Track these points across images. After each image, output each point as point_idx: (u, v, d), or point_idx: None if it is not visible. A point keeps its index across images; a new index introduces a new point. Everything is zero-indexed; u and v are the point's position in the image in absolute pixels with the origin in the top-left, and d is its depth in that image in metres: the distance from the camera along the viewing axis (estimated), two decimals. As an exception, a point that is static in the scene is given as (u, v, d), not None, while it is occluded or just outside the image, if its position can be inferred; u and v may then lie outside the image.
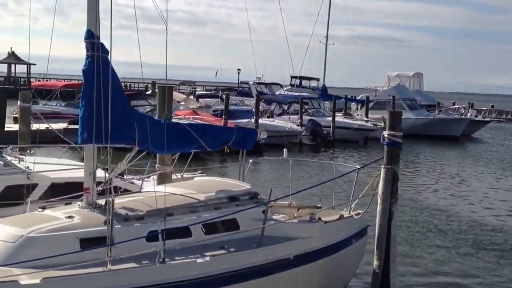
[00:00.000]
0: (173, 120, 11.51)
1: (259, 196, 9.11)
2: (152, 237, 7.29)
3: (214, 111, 35.24)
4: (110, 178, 8.00)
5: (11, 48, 73.84)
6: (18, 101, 18.81)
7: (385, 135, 8.74)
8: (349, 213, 9.82)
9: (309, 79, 60.16)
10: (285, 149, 11.48)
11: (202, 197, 8.58)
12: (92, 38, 7.70)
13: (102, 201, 7.87)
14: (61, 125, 25.56)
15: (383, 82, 53.80)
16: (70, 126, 26.55)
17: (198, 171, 12.70)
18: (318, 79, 60.53)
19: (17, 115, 31.36)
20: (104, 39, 7.72)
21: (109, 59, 7.64)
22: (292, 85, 57.90)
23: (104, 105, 7.53)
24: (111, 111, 7.52)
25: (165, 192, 7.74)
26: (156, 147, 8.52)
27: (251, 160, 11.08)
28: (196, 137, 8.92)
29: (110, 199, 7.00)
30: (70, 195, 9.05)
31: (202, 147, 9.13)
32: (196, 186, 9.18)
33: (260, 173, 22.66)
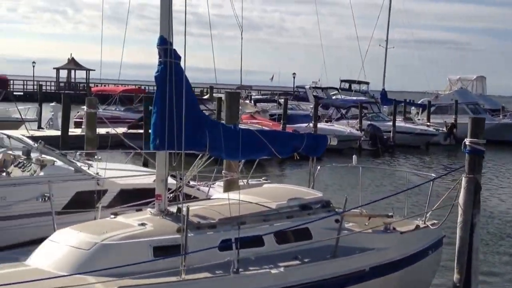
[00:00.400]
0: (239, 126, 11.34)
1: (331, 205, 8.85)
2: (225, 246, 7.13)
3: (270, 115, 35.08)
4: (182, 185, 7.88)
5: (71, 54, 75.67)
6: (85, 107, 19.03)
7: (467, 143, 8.36)
8: (425, 223, 9.45)
9: (359, 82, 59.58)
10: (354, 156, 11.18)
11: (274, 205, 8.37)
12: (165, 44, 7.59)
13: (173, 208, 7.75)
14: (121, 130, 25.83)
15: (444, 86, 52.58)
16: (130, 131, 26.83)
17: (263, 178, 12.51)
18: (368, 83, 59.66)
19: (78, 120, 32.06)
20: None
21: (184, 66, 7.52)
22: (341, 89, 57.27)
23: (177, 111, 7.43)
24: (183, 117, 7.42)
25: (239, 199, 7.54)
26: (227, 154, 8.37)
27: (319, 167, 10.81)
28: (267, 143, 8.72)
29: (185, 207, 6.86)
30: (141, 202, 8.99)
31: (273, 154, 8.93)
32: (266, 193, 8.97)
33: (320, 179, 22.31)
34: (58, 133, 27.25)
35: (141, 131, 24.96)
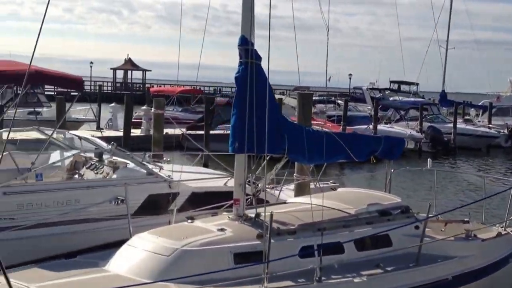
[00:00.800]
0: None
1: (410, 210, 8.55)
2: (306, 253, 6.94)
3: (328, 116, 34.63)
4: (264, 189, 7.74)
5: (127, 55, 76.71)
6: (153, 108, 19.06)
7: None
8: (505, 230, 9.06)
9: (409, 83, 58.46)
10: (429, 159, 10.87)
11: (353, 210, 8.13)
12: (246, 44, 7.45)
13: (251, 213, 7.58)
14: (179, 131, 25.79)
15: (505, 87, 51.10)
16: (189, 132, 26.81)
17: (331, 181, 12.25)
18: (417, 84, 58.68)
19: (136, 120, 32.31)
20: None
21: (267, 67, 7.36)
22: (390, 90, 56.43)
23: (257, 113, 7.28)
24: (264, 120, 7.28)
25: (323, 205, 7.33)
26: (310, 158, 8.19)
27: (392, 170, 10.49)
28: (344, 147, 8.48)
29: (268, 212, 6.67)
30: (214, 205, 8.89)
31: (350, 157, 8.68)
32: (343, 198, 8.72)
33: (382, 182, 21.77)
34: (118, 133, 27.53)
35: (200, 132, 24.95)
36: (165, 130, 21.81)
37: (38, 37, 6.41)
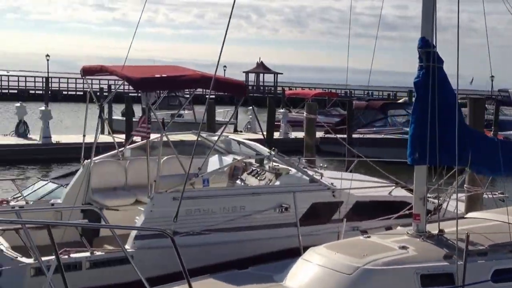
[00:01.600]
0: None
1: None
2: (501, 278, 6.28)
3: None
4: (442, 203, 7.14)
5: (259, 58, 78.05)
6: (305, 112, 18.72)
7: None
8: None
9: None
10: None
11: None
12: (427, 47, 6.89)
13: (432, 229, 7.00)
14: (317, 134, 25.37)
15: None
16: (326, 136, 26.26)
17: (498, 191, 11.31)
18: None
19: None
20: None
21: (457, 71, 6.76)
22: None
23: (440, 122, 6.71)
24: (447, 129, 6.70)
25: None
26: (490, 169, 7.48)
27: None
28: None
29: (462, 232, 6.09)
30: (384, 217, 8.38)
31: None
32: None
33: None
34: (258, 136, 27.52)
35: (339, 135, 24.31)
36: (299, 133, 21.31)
37: (222, 46, 6.42)
